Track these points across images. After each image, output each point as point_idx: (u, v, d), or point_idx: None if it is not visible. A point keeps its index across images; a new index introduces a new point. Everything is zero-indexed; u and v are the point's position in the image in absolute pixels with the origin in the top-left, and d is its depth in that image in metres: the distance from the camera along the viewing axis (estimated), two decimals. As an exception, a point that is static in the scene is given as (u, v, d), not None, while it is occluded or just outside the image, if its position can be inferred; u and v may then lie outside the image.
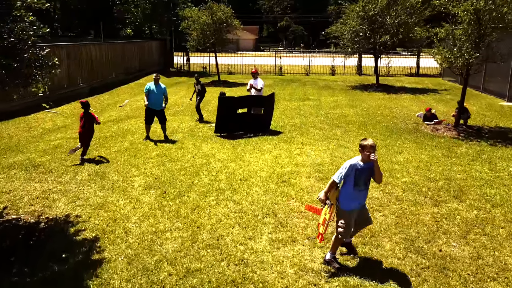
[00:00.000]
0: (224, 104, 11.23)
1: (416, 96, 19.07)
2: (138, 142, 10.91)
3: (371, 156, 4.80)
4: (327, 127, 12.66)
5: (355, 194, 5.03)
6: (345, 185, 5.04)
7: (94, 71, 20.39)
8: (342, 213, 5.08)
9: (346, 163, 5.00)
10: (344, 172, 4.95)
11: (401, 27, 20.03)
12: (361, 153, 4.95)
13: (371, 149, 4.83)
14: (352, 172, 4.94)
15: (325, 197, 5.08)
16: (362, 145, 4.92)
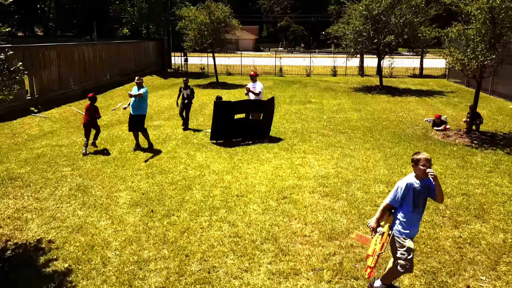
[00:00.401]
0: (220, 109, 10.45)
1: (422, 99, 18.29)
2: (127, 151, 10.14)
3: (429, 172, 4.11)
4: (331, 133, 11.88)
5: (414, 217, 4.34)
6: (401, 208, 4.34)
7: (87, 72, 19.61)
8: (401, 242, 4.33)
9: (400, 183, 4.33)
10: (400, 193, 4.28)
11: (406, 27, 19.24)
12: (415, 168, 4.28)
13: (426, 163, 4.16)
14: (409, 192, 4.26)
15: (376, 224, 4.40)
16: (415, 159, 4.25)
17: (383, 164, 9.11)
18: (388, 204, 4.36)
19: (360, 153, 9.92)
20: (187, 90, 12.41)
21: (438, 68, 29.52)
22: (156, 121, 13.59)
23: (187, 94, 12.39)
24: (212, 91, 20.46)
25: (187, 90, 12.41)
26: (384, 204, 4.40)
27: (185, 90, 12.40)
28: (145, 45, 28.19)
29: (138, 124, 10.08)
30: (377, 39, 19.69)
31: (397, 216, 4.37)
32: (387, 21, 19.39)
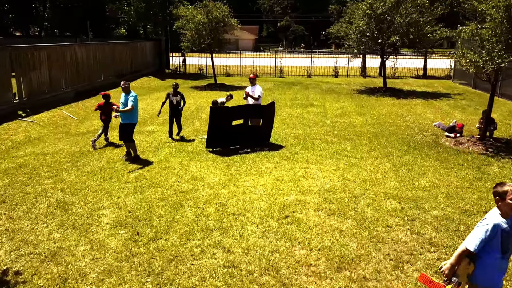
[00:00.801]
0: (216, 115, 9.71)
1: (428, 102, 17.56)
2: (116, 160, 9.40)
3: None
4: (335, 140, 11.15)
5: (501, 265, 3.55)
6: (485, 253, 3.53)
7: (80, 74, 18.87)
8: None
9: (486, 224, 3.50)
10: (484, 235, 3.46)
11: (411, 27, 18.51)
12: (501, 203, 3.46)
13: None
14: (497, 235, 3.45)
15: (451, 271, 3.59)
16: (501, 192, 3.45)
17: (393, 175, 8.38)
18: (468, 249, 3.52)
19: (368, 163, 9.18)
20: (177, 97, 11.14)
21: (442, 68, 28.84)
22: (150, 126, 12.86)
23: (177, 101, 11.14)
24: (210, 93, 19.73)
25: (176, 96, 11.13)
26: (462, 249, 3.57)
27: (174, 97, 11.09)
28: (142, 45, 27.47)
29: (126, 134, 9.31)
30: (382, 39, 18.96)
31: (480, 264, 3.56)
32: (391, 20, 18.65)
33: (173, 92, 11.19)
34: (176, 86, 11.32)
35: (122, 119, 9.25)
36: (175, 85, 11.39)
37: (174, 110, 11.20)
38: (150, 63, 28.90)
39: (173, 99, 11.12)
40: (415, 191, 7.53)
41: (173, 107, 11.18)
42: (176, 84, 11.44)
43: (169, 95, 11.15)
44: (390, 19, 18.61)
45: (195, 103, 16.84)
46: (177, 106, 11.22)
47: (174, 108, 11.20)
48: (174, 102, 11.12)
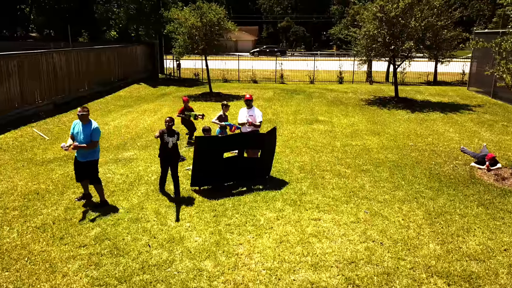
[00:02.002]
0: (203, 147, 7.80)
1: (448, 116, 15.63)
2: (78, 206, 7.48)
3: None
4: (349, 172, 9.23)
5: None
6: None
7: (59, 83, 16.96)
8: None
9: None
10: None
11: (428, 31, 16.59)
12: None
13: None
14: None
15: None
16: None
17: (430, 232, 6.47)
18: None
19: (394, 210, 7.27)
20: (174, 137, 7.65)
21: (452, 73, 26.85)
22: (129, 151, 10.93)
23: (174, 143, 7.63)
24: (203, 105, 17.81)
25: (173, 136, 7.64)
26: None
27: (170, 137, 7.59)
28: (132, 49, 25.54)
29: (88, 174, 7.41)
30: (395, 46, 17.04)
31: None
32: (405, 24, 16.72)
33: (168, 132, 7.63)
34: (171, 123, 7.62)
35: (80, 156, 7.30)
36: (169, 122, 7.60)
37: (168, 157, 7.70)
38: (142, 68, 26.98)
39: (169, 141, 7.60)
40: (465, 262, 5.62)
41: (168, 153, 7.66)
42: (171, 120, 7.65)
43: (162, 134, 7.67)
44: (404, 23, 16.69)
45: (186, 119, 14.89)
46: (174, 152, 7.74)
47: (169, 155, 7.69)
48: (170, 144, 7.57)
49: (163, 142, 7.67)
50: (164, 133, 7.66)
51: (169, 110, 16.45)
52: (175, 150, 7.78)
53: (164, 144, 7.65)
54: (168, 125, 7.62)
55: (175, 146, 7.76)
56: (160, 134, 7.69)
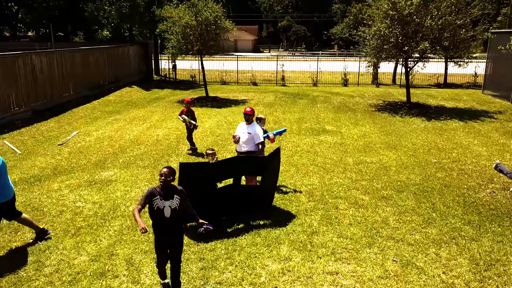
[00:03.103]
0: (189, 176, 6.26)
1: (468, 125, 14.10)
2: (31, 251, 5.96)
3: None
4: (367, 200, 7.71)
5: None
6: None
7: (39, 88, 15.43)
8: None
9: None
10: None
11: (445, 31, 15.06)
12: None
13: None
14: None
15: None
16: None
17: (483, 293, 4.96)
18: None
19: (430, 257, 5.75)
20: (172, 201, 4.73)
21: (462, 74, 25.21)
22: (108, 170, 9.40)
23: (173, 209, 4.74)
24: (198, 111, 16.23)
25: (170, 199, 4.73)
26: None
27: (165, 201, 4.71)
28: (125, 50, 23.99)
29: (4, 216, 5.87)
30: (409, 47, 15.50)
31: None
32: (420, 23, 15.19)
33: (162, 190, 4.74)
34: (169, 177, 4.72)
35: None
36: (166, 176, 4.69)
37: (167, 233, 4.80)
38: (135, 70, 25.44)
39: (164, 207, 4.69)
40: None
41: (166, 226, 4.78)
42: (169, 173, 4.72)
43: (151, 198, 4.71)
44: (419, 22, 15.15)
45: (178, 129, 13.38)
46: (176, 224, 4.85)
47: (168, 229, 4.79)
48: (167, 213, 4.71)
49: (153, 210, 4.70)
50: (154, 196, 4.64)
51: (160, 118, 14.92)
52: (178, 220, 4.79)
53: (157, 213, 4.69)
54: (164, 181, 4.64)
55: (175, 213, 4.70)
56: (145, 198, 4.68)
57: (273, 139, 7.92)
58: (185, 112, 10.51)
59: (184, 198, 4.85)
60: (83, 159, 10.24)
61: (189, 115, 10.46)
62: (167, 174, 4.71)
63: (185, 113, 10.50)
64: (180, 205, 4.76)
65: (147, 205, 4.77)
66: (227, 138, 12.06)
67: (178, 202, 4.76)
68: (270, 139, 7.91)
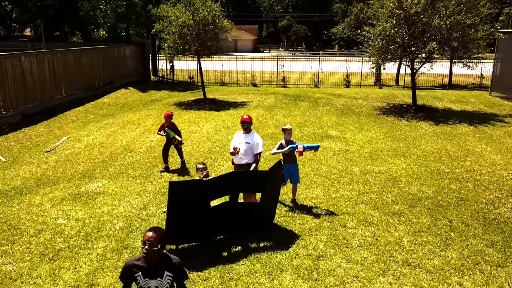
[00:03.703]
0: (181, 197, 5.57)
1: (478, 129, 13.42)
2: (1, 279, 5.27)
3: None
4: (377, 216, 7.03)
5: None
6: None
7: (29, 91, 14.76)
8: None
9: None
10: None
11: (454, 31, 14.37)
12: None
13: None
14: None
15: None
16: None
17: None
18: None
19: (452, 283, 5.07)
20: (163, 279, 3.37)
21: (467, 75, 24.41)
22: (96, 181, 8.71)
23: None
24: (195, 115, 15.58)
25: (161, 277, 3.36)
26: None
27: (153, 280, 3.36)
28: (121, 50, 23.29)
29: None
30: (416, 47, 14.82)
31: None
32: (428, 22, 14.50)
33: (147, 263, 3.34)
34: (154, 247, 3.24)
35: None
36: (150, 242, 3.24)
37: None
38: (132, 71, 24.75)
39: (149, 287, 3.35)
40: None
41: None
42: (155, 239, 3.25)
43: (130, 270, 3.36)
44: (427, 21, 14.46)
45: (173, 133, 12.68)
46: None
47: None
48: None
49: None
50: (134, 272, 3.33)
51: (155, 122, 14.23)
52: None
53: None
54: (148, 252, 3.24)
55: None
56: (123, 276, 3.41)
57: (301, 152, 6.87)
58: (166, 127, 9.20)
59: (180, 276, 3.42)
60: (70, 168, 9.56)
61: (171, 130, 9.20)
62: (153, 242, 3.20)
63: (166, 127, 9.20)
64: (171, 282, 3.37)
65: None
66: (225, 145, 11.39)
67: (169, 283, 3.36)
68: (298, 152, 6.90)
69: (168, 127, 9.19)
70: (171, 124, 9.29)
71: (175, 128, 9.32)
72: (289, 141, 7.17)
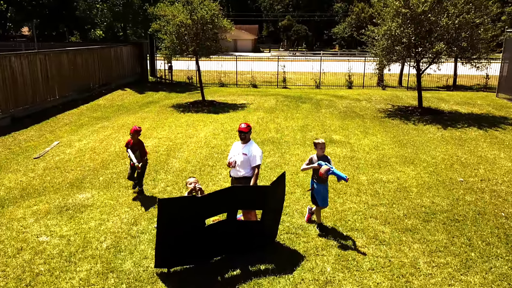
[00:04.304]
0: (172, 215, 4.98)
1: (489, 134, 12.84)
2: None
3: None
4: (388, 232, 6.44)
5: None
6: None
7: (19, 93, 14.18)
8: None
9: None
10: None
11: (463, 30, 13.77)
12: None
13: None
14: None
15: None
16: None
17: None
18: None
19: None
20: None
21: (471, 76, 23.78)
22: (85, 192, 8.12)
23: None
24: (192, 118, 14.99)
25: None
26: None
27: None
28: (117, 50, 22.69)
29: None
30: (423, 48, 14.23)
31: None
32: (436, 21, 13.91)
33: None
34: None
35: None
36: None
37: None
38: (129, 72, 24.16)
39: None
40: None
41: None
42: None
43: None
44: (434, 20, 13.87)
45: (169, 139, 12.12)
46: None
47: None
48: None
49: None
50: None
51: (151, 126, 13.65)
52: None
53: None
54: None
55: None
56: None
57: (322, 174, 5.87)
58: (132, 144, 7.67)
59: None
60: (58, 177, 8.97)
61: (137, 148, 7.66)
62: None
63: (132, 145, 7.66)
64: None
65: None
66: (223, 150, 10.80)
67: None
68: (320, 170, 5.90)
69: (135, 144, 7.66)
70: (138, 141, 7.70)
71: (141, 146, 7.71)
72: (322, 157, 6.17)
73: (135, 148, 7.65)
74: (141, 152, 7.70)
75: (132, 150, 7.63)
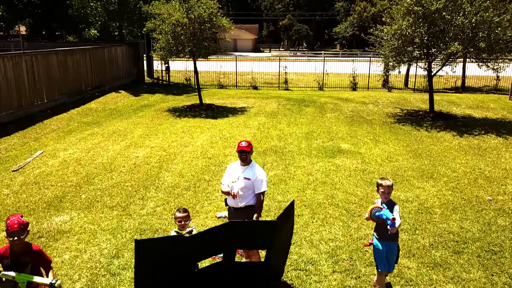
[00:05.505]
0: (153, 259, 3.97)
1: (510, 141, 11.85)
2: None
3: None
4: (414, 268, 5.46)
5: None
6: None
7: (2, 96, 13.19)
8: None
9: None
10: None
11: (480, 30, 12.78)
12: None
13: None
14: None
15: None
16: None
17: None
18: None
19: None
20: None
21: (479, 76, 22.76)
22: (63, 214, 7.13)
23: None
24: (189, 123, 13.99)
25: None
26: None
27: None
28: (111, 50, 21.69)
29: None
30: (436, 49, 13.24)
31: None
32: (450, 21, 12.92)
33: None
34: None
35: None
36: None
37: None
38: (124, 73, 23.15)
39: None
40: None
41: None
42: None
43: None
44: (449, 19, 12.88)
45: (162, 148, 11.12)
46: None
47: None
48: None
49: None
50: None
51: (144, 133, 12.66)
52: None
53: None
54: None
55: None
56: None
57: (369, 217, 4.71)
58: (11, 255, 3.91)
59: None
60: (35, 194, 7.98)
61: (28, 260, 3.91)
62: None
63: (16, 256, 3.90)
64: None
65: None
66: (221, 162, 9.81)
67: None
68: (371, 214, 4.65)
69: (19, 253, 3.92)
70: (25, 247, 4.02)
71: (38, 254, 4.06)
72: (389, 203, 4.73)
73: (25, 261, 3.89)
74: (43, 263, 4.07)
75: (16, 266, 3.81)
